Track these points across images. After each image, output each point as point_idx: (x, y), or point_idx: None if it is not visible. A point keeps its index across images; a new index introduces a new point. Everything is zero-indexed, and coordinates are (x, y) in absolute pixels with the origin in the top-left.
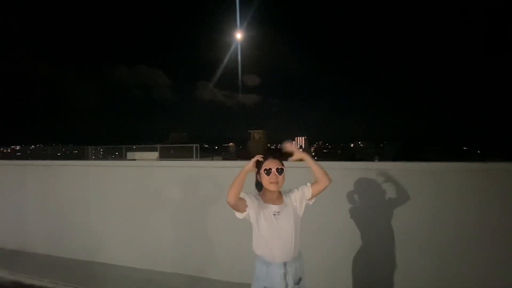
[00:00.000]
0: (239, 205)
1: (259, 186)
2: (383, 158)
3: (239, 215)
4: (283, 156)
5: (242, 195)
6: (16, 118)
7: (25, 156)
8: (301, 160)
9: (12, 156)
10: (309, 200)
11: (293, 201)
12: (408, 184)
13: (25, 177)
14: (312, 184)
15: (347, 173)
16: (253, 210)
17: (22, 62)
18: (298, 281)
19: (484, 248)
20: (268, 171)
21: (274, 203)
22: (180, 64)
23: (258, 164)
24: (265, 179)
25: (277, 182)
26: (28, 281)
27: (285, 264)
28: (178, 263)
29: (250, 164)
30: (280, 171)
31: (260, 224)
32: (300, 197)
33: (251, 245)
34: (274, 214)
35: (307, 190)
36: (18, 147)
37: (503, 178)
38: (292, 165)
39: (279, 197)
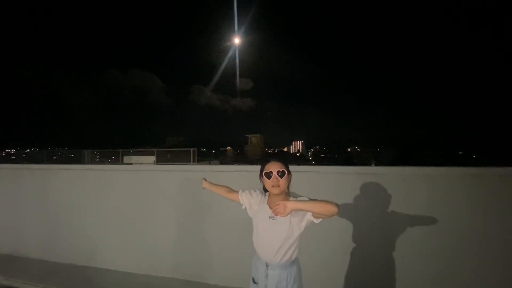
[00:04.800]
0: (235, 200)
1: (265, 189)
2: (380, 162)
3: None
4: (284, 160)
5: (242, 191)
6: (10, 121)
7: (20, 160)
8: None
9: (7, 160)
10: (314, 219)
11: (294, 214)
12: (404, 188)
13: (20, 181)
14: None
15: (343, 177)
16: (250, 206)
17: (17, 66)
18: None
19: (477, 251)
20: (268, 175)
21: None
22: (174, 68)
23: (261, 168)
24: (267, 183)
25: (278, 185)
26: (23, 286)
27: (267, 265)
28: (175, 268)
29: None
30: (281, 173)
31: (256, 221)
32: (302, 216)
33: (248, 250)
34: (270, 217)
35: (309, 215)
36: (13, 151)
37: (496, 183)
38: (298, 170)
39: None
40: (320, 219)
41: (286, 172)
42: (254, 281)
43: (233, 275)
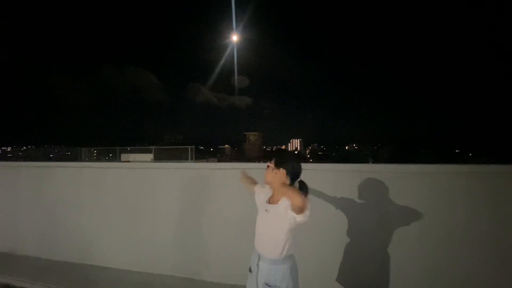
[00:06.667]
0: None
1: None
2: (377, 160)
3: None
4: (277, 155)
5: (259, 184)
6: (7, 119)
7: (16, 158)
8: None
9: (3, 157)
10: (296, 216)
11: (284, 207)
12: (401, 186)
13: (16, 178)
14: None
15: (341, 175)
16: (258, 198)
17: (13, 64)
18: (268, 285)
19: (474, 249)
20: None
21: (270, 201)
22: (171, 65)
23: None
24: None
25: (265, 177)
26: (19, 284)
27: (259, 256)
28: (173, 265)
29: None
30: (268, 167)
31: (258, 214)
32: (285, 211)
33: (246, 247)
34: (265, 210)
35: (290, 211)
36: (9, 149)
37: (493, 180)
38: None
39: (277, 197)
40: (301, 219)
41: (273, 166)
42: (250, 270)
43: (231, 272)
